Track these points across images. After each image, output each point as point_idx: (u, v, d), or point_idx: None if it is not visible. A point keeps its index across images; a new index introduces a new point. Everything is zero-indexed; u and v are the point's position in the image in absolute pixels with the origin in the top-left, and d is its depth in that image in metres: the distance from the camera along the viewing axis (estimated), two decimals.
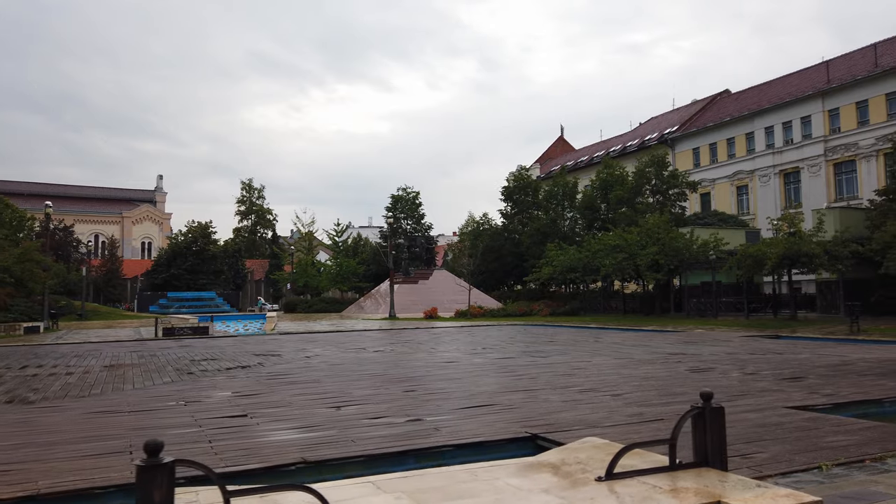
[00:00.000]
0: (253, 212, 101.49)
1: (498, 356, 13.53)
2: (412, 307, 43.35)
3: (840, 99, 45.18)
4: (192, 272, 77.20)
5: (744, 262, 26.07)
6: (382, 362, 12.63)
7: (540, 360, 12.63)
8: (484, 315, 37.63)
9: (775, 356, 12.46)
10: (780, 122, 49.23)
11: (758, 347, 14.49)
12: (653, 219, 32.71)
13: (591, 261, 34.92)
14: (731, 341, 16.49)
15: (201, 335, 24.88)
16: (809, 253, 24.18)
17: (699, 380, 9.22)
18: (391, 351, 15.50)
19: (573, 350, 14.66)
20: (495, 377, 9.98)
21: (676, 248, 30.42)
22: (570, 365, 11.51)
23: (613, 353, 13.82)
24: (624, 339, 17.91)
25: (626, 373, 10.22)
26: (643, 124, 70.23)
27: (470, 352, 14.82)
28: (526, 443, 5.57)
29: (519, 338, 19.61)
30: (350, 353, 15.05)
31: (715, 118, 55.79)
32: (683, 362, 11.67)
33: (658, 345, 15.68)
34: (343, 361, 12.94)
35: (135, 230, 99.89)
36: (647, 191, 42.07)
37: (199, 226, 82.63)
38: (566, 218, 49.64)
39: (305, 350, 16.20)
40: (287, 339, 21.75)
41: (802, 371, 10.00)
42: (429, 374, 10.51)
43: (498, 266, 52.45)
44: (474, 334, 21.87)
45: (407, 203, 61.90)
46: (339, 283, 57.68)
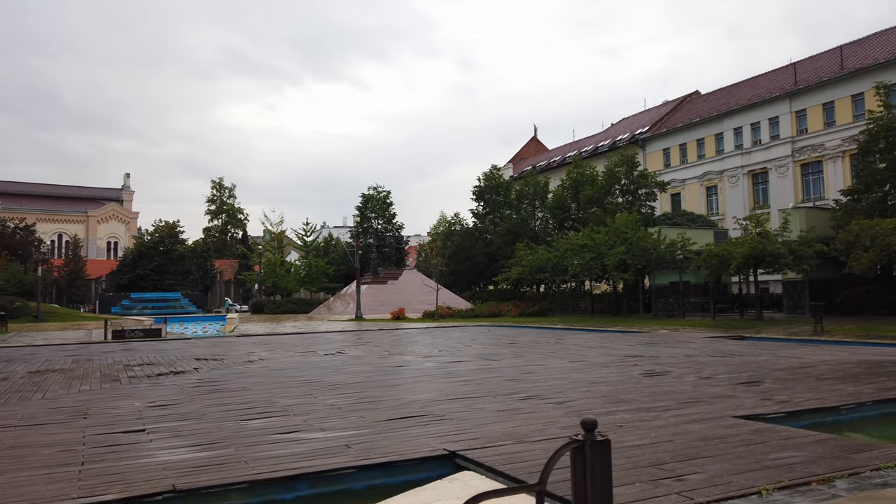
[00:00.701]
0: (223, 211, 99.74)
1: (450, 360, 12.93)
2: (380, 308, 42.62)
3: (807, 100, 45.48)
4: (159, 273, 75.47)
5: (710, 261, 25.85)
6: (325, 367, 11.95)
7: (493, 363, 12.06)
8: (452, 316, 37.06)
9: (735, 358, 12.04)
10: (749, 122, 49.46)
11: (719, 349, 14.09)
12: (621, 218, 32.43)
13: (560, 261, 34.57)
14: (693, 342, 16.11)
15: (153, 338, 23.91)
16: (774, 252, 24.02)
17: (651, 385, 8.71)
18: (341, 354, 14.81)
19: (530, 352, 14.12)
20: (439, 383, 9.37)
21: (644, 247, 30.15)
22: (521, 369, 10.95)
23: (570, 355, 13.30)
24: (586, 341, 17.44)
25: (576, 377, 9.68)
26: (615, 125, 70.33)
27: (423, 355, 14.20)
28: (443, 462, 4.96)
29: (480, 339, 19.05)
30: (298, 356, 14.33)
31: (685, 119, 55.94)
32: (640, 365, 11.18)
33: (618, 346, 15.22)
34: (285, 366, 12.23)
35: (100, 229, 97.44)
36: (616, 191, 41.88)
37: (167, 225, 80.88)
38: (537, 218, 49.33)
39: (253, 353, 15.43)
40: (241, 341, 20.92)
41: (760, 375, 9.56)
42: (369, 380, 9.86)
43: (469, 266, 51.97)
44: (436, 336, 21.26)
45: (378, 202, 61.09)
46: (308, 283, 56.68)
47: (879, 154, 27.88)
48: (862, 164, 29.06)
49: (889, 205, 27.18)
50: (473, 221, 54.76)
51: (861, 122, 41.50)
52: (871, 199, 27.73)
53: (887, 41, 42.97)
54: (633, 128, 62.90)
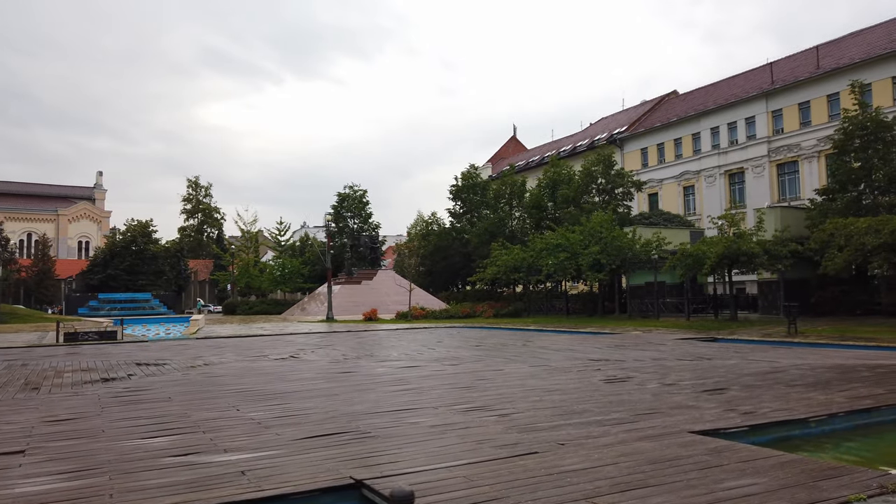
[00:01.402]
0: (199, 210, 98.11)
1: (405, 364, 12.20)
2: (354, 309, 41.76)
3: (783, 100, 45.41)
4: (131, 273, 73.83)
5: (684, 261, 25.39)
6: (269, 374, 11.16)
7: (449, 369, 11.35)
8: (426, 317, 36.34)
9: (703, 362, 11.45)
10: (726, 122, 49.32)
11: (689, 352, 13.52)
12: (596, 217, 31.91)
13: (536, 261, 33.99)
14: (664, 344, 15.54)
15: (108, 340, 22.89)
16: (749, 252, 23.60)
17: (609, 393, 8.05)
18: (293, 359, 14.02)
19: (492, 356, 13.44)
20: (381, 392, 8.64)
21: (618, 247, 29.66)
22: (476, 375, 10.25)
23: (533, 359, 12.64)
24: (554, 343, 16.81)
25: (532, 384, 9.00)
26: (593, 125, 70.07)
27: (380, 359, 13.45)
28: (347, 493, 4.23)
29: (446, 342, 18.34)
30: (245, 362, 13.51)
31: (663, 119, 55.74)
32: (602, 370, 10.54)
33: (586, 349, 14.60)
34: (226, 373, 11.42)
35: (71, 229, 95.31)
36: (593, 190, 41.43)
37: (139, 224, 79.23)
38: (514, 217, 48.78)
39: (200, 358, 14.57)
40: (197, 344, 20.00)
41: (727, 381, 8.95)
42: (304, 388, 9.10)
43: (446, 266, 51.30)
44: (401, 338, 20.52)
45: (354, 201, 60.18)
46: (282, 284, 55.62)
47: (854, 153, 27.63)
48: (837, 163, 28.81)
49: (863, 204, 26.93)
50: (451, 221, 54.09)
51: (836, 121, 41.46)
52: (846, 198, 27.47)
53: (863, 41, 43.00)
54: (612, 127, 62.65)
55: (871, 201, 26.96)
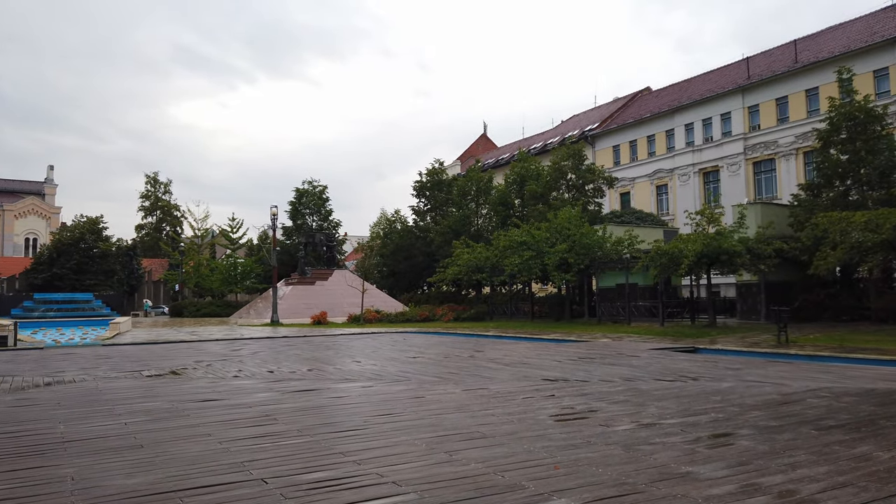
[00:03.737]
0: (158, 207, 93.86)
1: (301, 387, 9.33)
2: (305, 311, 38.60)
3: (760, 95, 43.57)
4: (79, 272, 69.44)
5: (658, 260, 22.93)
6: (121, 398, 8.21)
7: (351, 395, 8.52)
8: (381, 320, 33.46)
9: (689, 385, 8.79)
10: (701, 119, 47.40)
11: (668, 367, 10.87)
12: (563, 213, 29.38)
13: (500, 260, 31.35)
14: (637, 356, 12.90)
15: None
16: (730, 251, 21.21)
17: (558, 443, 5.29)
18: (173, 375, 11.05)
19: (422, 373, 10.62)
20: (201, 443, 5.76)
21: (587, 245, 27.15)
22: (384, 405, 7.44)
23: (473, 377, 9.87)
24: (508, 353, 14.07)
25: (451, 423, 6.20)
26: (565, 122, 67.94)
27: (274, 378, 10.55)
28: None
29: (382, 351, 15.49)
30: (103, 381, 10.49)
31: (635, 115, 53.70)
32: (557, 396, 7.81)
33: (543, 362, 11.88)
34: (53, 398, 8.43)
35: (17, 225, 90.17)
36: (562, 186, 38.99)
37: (88, 220, 74.81)
38: (480, 215, 46.14)
39: (64, 373, 11.51)
40: (92, 352, 16.85)
41: (728, 418, 6.28)
42: (107, 432, 6.18)
43: (409, 266, 48.42)
44: (335, 346, 17.62)
45: (313, 197, 56.93)
46: (233, 284, 52.15)
47: (841, 145, 25.51)
48: (822, 156, 26.69)
49: (851, 200, 24.81)
50: (414, 219, 51.27)
51: (815, 117, 39.63)
52: (833, 193, 25.33)
53: (842, 34, 41.31)
54: (583, 125, 60.50)
55: (859, 197, 24.86)
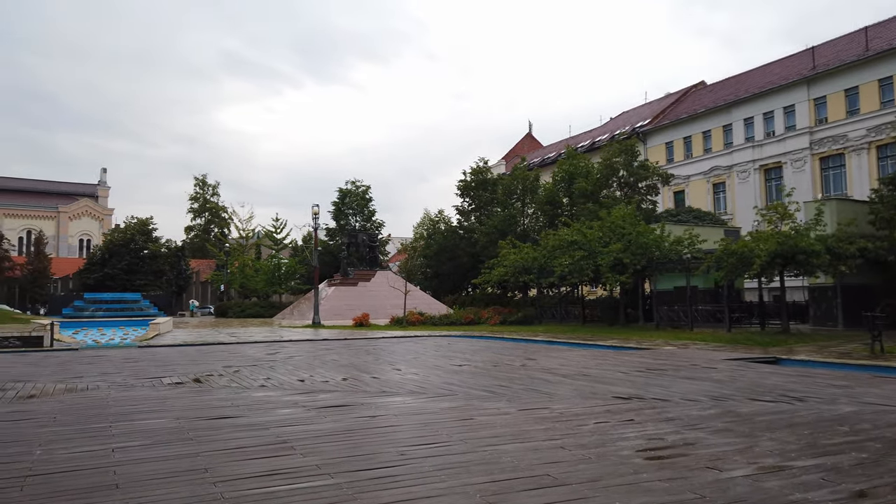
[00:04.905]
0: (206, 209, 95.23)
1: (335, 398, 8.12)
2: (348, 312, 37.70)
3: (827, 86, 40.79)
4: (129, 272, 70.74)
5: (725, 261, 21.05)
6: (126, 413, 7.16)
7: (395, 408, 7.27)
8: (424, 323, 32.25)
9: (797, 408, 7.23)
10: (761, 112, 44.77)
11: (758, 383, 9.28)
12: (618, 211, 27.64)
13: (548, 261, 29.81)
14: (714, 368, 11.30)
15: (33, 347, 19.17)
16: (808, 250, 19.22)
17: (662, 496, 3.91)
18: (196, 383, 10.01)
19: (470, 385, 9.29)
20: (231, 466, 4.58)
21: (644, 245, 25.37)
22: (428, 426, 6.15)
23: (528, 391, 8.49)
24: (564, 362, 12.63)
25: (513, 458, 4.86)
26: (613, 119, 65.77)
27: (298, 390, 9.39)
28: None
29: (424, 358, 14.24)
30: (133, 389, 9.52)
31: (689, 110, 51.27)
32: (637, 421, 6.39)
33: (607, 374, 10.41)
34: (65, 411, 7.44)
35: (72, 226, 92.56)
36: (614, 183, 37.14)
37: (139, 222, 76.26)
38: (526, 215, 44.57)
39: (83, 380, 10.63)
40: (123, 356, 16.12)
41: (875, 460, 4.77)
42: (76, 465, 5.06)
43: (453, 267, 47.16)
44: (378, 351, 16.46)
45: (356, 197, 56.30)
46: (277, 284, 51.82)
47: None
48: None
49: None
50: (458, 219, 50.00)
51: (890, 109, 36.85)
52: None
53: None
54: (633, 121, 58.25)
55: None
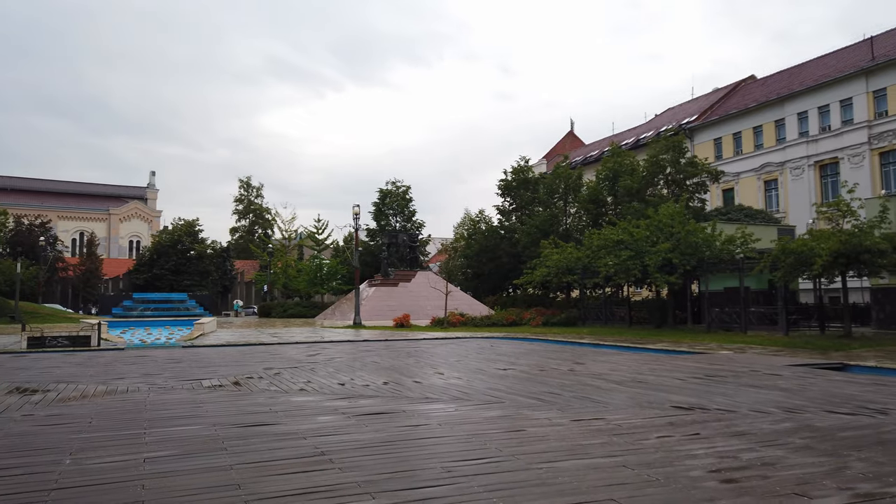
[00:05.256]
0: (251, 211, 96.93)
1: (376, 404, 7.76)
2: (388, 313, 37.58)
3: (888, 77, 38.86)
4: (177, 272, 72.37)
5: (783, 261, 20.04)
6: (162, 419, 6.94)
7: (438, 416, 6.86)
8: (464, 324, 31.82)
9: (882, 422, 6.55)
10: (816, 106, 42.96)
11: (832, 392, 8.57)
12: (665, 209, 26.72)
13: (592, 261, 29.03)
14: (778, 375, 10.57)
15: (81, 346, 19.43)
16: (873, 249, 18.11)
17: None
18: (236, 386, 9.80)
19: (517, 390, 8.81)
20: (264, 483, 4.24)
21: (694, 244, 24.43)
22: (474, 437, 5.72)
23: (579, 400, 7.98)
24: (616, 367, 12.04)
25: (571, 478, 4.39)
26: (659, 115, 64.22)
27: (354, 392, 9.06)
28: None
29: (467, 361, 13.81)
30: (172, 392, 9.36)
31: (739, 105, 49.60)
32: (704, 436, 5.83)
33: (662, 380, 9.80)
34: (102, 414, 7.28)
35: (122, 228, 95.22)
36: (660, 181, 36.05)
37: (185, 223, 77.98)
38: (569, 214, 43.73)
39: (124, 380, 10.55)
40: (171, 355, 16.15)
41: None
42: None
43: (494, 268, 46.62)
44: (420, 353, 16.10)
45: (396, 198, 56.24)
46: (318, 285, 52.11)
47: None
48: None
49: None
50: (499, 219, 49.42)
51: None
52: None
53: None
54: (680, 117, 56.71)
55: None
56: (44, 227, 69.49)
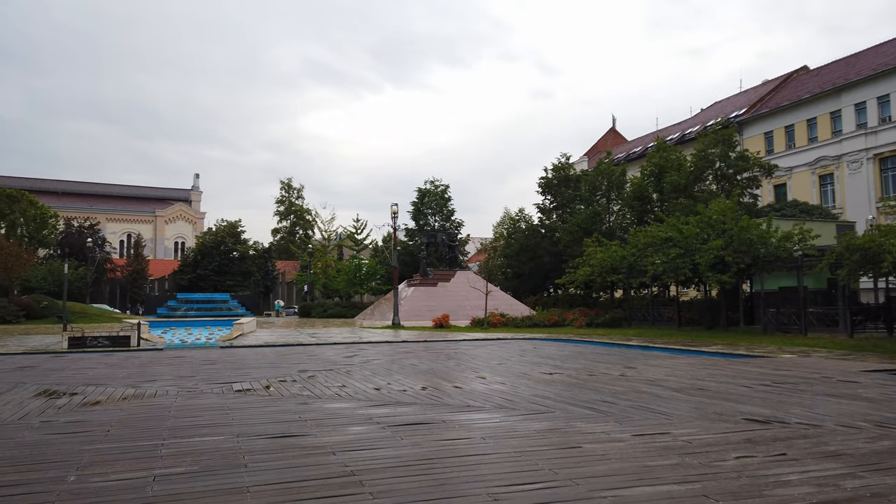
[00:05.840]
0: (292, 212, 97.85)
1: (413, 413, 7.15)
2: (427, 313, 37.03)
3: None
4: (220, 273, 73.44)
5: (847, 258, 18.73)
6: (183, 428, 6.46)
7: (481, 428, 6.20)
8: (505, 324, 31.06)
9: None
10: (875, 96, 40.81)
11: None
12: (716, 205, 25.48)
13: (638, 259, 27.94)
14: (855, 382, 9.57)
15: (121, 346, 19.39)
16: None
17: None
18: (266, 390, 9.31)
19: (566, 398, 8.07)
20: None
21: (749, 241, 23.17)
22: (523, 455, 5.04)
23: (638, 410, 7.20)
24: (670, 371, 11.18)
25: None
26: (705, 110, 62.20)
27: (391, 398, 8.47)
28: None
29: (510, 364, 13.10)
30: (201, 396, 8.93)
31: (792, 97, 47.54)
32: (790, 458, 5.02)
33: (726, 388, 8.93)
34: (122, 422, 6.84)
35: (167, 229, 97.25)
36: (709, 176, 34.61)
37: (228, 224, 79.12)
38: (612, 212, 42.51)
39: (155, 383, 10.19)
40: (207, 356, 15.88)
41: None
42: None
43: (534, 268, 45.70)
44: (460, 355, 15.46)
45: (435, 197, 55.71)
46: (356, 285, 51.93)
47: None
48: None
49: None
50: (539, 217, 48.44)
51: None
52: None
53: None
54: (727, 111, 54.76)
55: None
56: (92, 229, 71.23)
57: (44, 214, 63.29)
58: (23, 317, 38.34)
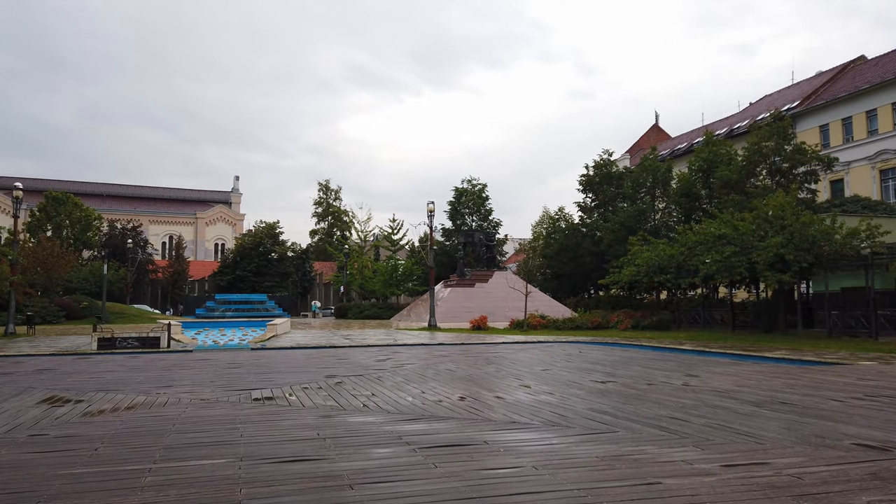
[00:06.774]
0: (329, 213, 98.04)
1: (450, 430, 6.11)
2: (465, 315, 36.00)
3: None
4: (258, 274, 73.75)
5: None
6: (183, 446, 5.55)
7: (531, 454, 5.13)
8: (545, 326, 29.81)
9: None
10: None
11: None
12: (774, 200, 23.80)
13: (688, 258, 26.37)
14: None
15: (150, 348, 18.90)
16: None
17: None
18: (288, 398, 8.40)
19: (626, 412, 6.92)
20: None
21: (811, 238, 21.49)
22: (589, 494, 3.97)
23: (714, 428, 6.02)
24: (740, 380, 9.89)
25: None
26: (754, 103, 59.68)
27: (424, 411, 7.46)
28: None
29: (555, 370, 11.96)
30: (215, 406, 8.08)
31: (849, 87, 45.01)
32: None
33: (815, 400, 7.65)
34: (118, 437, 5.98)
35: (208, 231, 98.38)
36: (763, 170, 32.71)
37: (267, 226, 79.50)
38: (657, 209, 40.79)
39: (171, 388, 9.40)
40: (234, 359, 15.16)
41: None
42: None
43: (575, 268, 44.25)
44: (500, 360, 14.38)
45: (472, 196, 54.67)
46: (392, 286, 51.21)
47: None
48: None
49: None
50: (580, 216, 46.94)
51: None
52: None
53: None
54: (779, 104, 52.26)
55: None
56: (135, 230, 72.21)
57: (88, 217, 64.45)
58: (63, 317, 38.69)
